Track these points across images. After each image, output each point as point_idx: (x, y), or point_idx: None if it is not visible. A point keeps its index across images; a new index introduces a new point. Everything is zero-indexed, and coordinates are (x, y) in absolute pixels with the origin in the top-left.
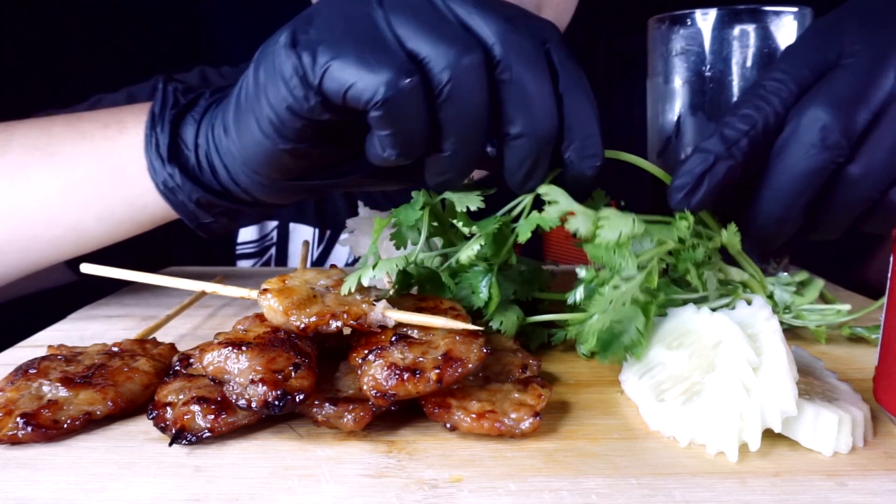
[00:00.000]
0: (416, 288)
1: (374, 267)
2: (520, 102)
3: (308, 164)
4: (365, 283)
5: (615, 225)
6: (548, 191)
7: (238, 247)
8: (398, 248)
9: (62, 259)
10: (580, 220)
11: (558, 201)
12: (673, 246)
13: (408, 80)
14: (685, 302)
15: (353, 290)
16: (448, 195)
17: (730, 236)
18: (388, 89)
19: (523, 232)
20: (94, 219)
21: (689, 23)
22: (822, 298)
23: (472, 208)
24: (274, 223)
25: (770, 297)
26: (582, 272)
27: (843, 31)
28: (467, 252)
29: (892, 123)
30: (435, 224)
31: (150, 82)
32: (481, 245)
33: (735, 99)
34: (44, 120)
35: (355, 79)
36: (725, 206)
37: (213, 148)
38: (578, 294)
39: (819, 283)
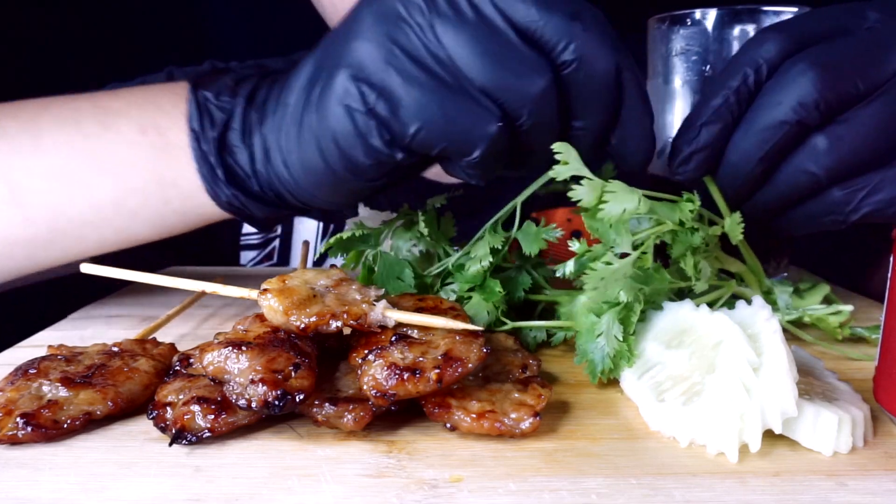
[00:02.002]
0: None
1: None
2: (590, 98)
3: (380, 186)
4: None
5: (620, 200)
6: (561, 149)
7: (242, 237)
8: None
9: (102, 253)
10: (586, 190)
11: (569, 162)
12: (671, 227)
13: (496, 128)
14: (679, 292)
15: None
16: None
17: (732, 225)
18: (482, 146)
19: (527, 245)
20: (144, 224)
21: (688, 23)
22: (826, 299)
23: (437, 206)
24: None
25: (769, 293)
26: (575, 245)
27: (868, 7)
28: (476, 266)
29: (881, 109)
30: (426, 233)
31: (163, 73)
32: (490, 262)
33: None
34: (69, 109)
35: (447, 142)
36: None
37: (274, 178)
38: (569, 267)
39: (824, 289)
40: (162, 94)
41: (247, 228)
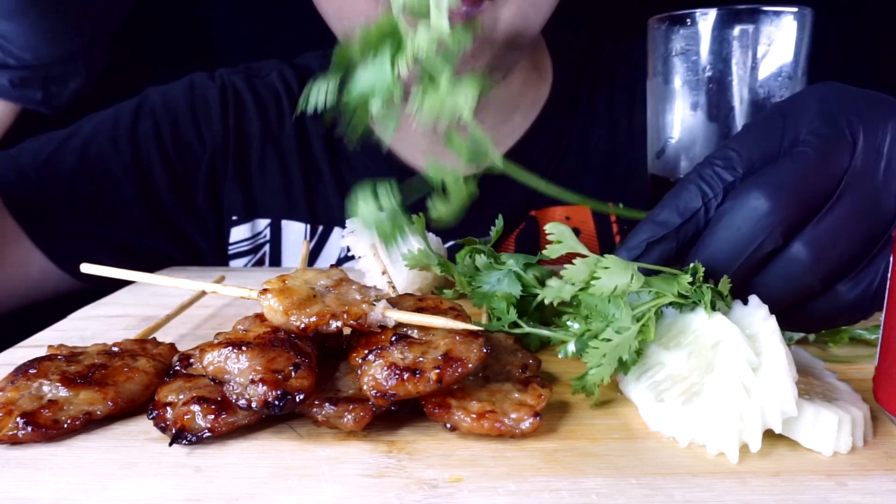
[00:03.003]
0: None
1: None
2: None
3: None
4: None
5: (613, 276)
6: (554, 229)
7: (231, 247)
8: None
9: None
10: (578, 269)
11: (563, 241)
12: (672, 299)
13: None
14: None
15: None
16: None
17: (723, 285)
18: None
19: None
20: None
21: (688, 23)
22: None
23: None
24: (266, 221)
25: None
26: (574, 325)
27: (799, 121)
28: None
29: (838, 217)
30: None
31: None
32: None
33: (734, 100)
34: None
35: None
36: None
37: None
38: (570, 348)
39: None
40: None
41: (234, 237)
